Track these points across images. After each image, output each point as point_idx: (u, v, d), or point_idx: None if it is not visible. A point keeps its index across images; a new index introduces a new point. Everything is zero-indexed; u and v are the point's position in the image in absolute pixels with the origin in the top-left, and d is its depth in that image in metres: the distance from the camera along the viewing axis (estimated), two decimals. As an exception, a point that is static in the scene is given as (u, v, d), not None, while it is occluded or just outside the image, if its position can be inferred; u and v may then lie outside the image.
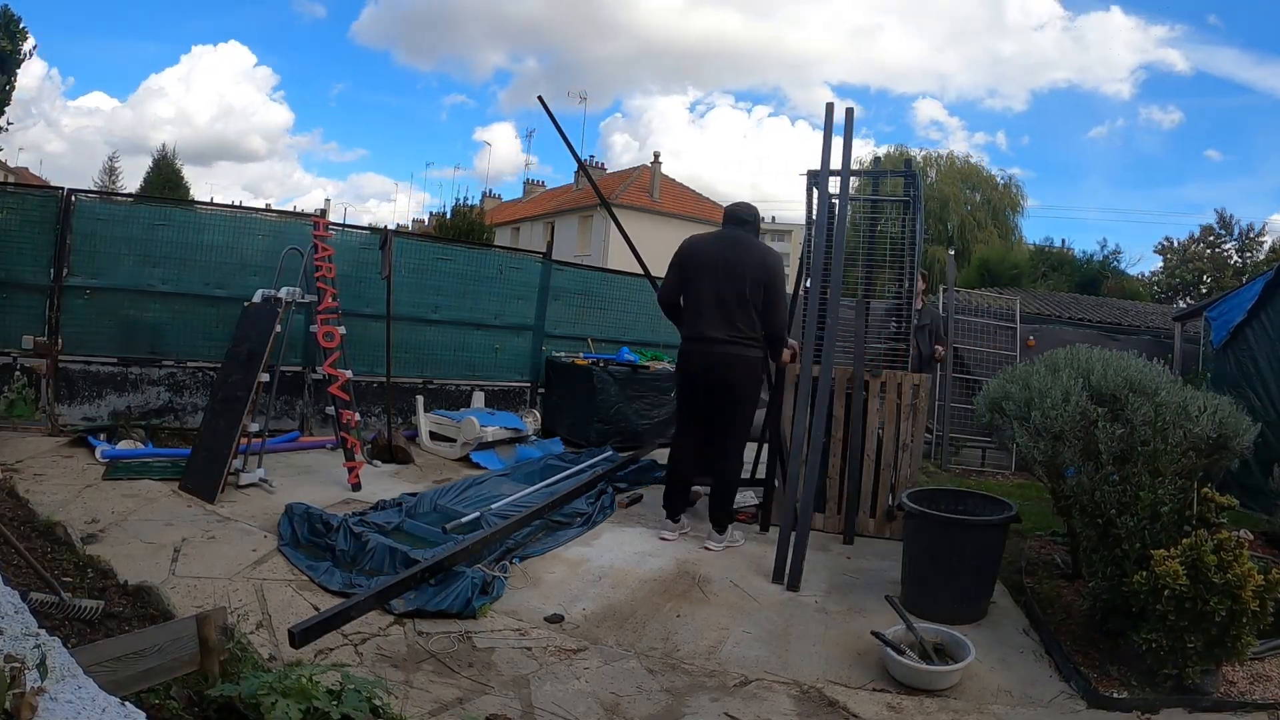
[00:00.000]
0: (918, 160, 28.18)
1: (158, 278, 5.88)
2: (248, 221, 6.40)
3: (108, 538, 3.59)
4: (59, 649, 1.27)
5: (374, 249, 6.30)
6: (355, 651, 2.76)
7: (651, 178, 30.03)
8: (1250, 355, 5.80)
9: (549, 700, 2.54)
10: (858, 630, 3.21)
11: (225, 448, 4.46)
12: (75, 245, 5.63)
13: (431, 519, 4.21)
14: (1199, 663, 2.65)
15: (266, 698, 1.85)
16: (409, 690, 2.53)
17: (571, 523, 4.35)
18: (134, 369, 5.83)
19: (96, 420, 5.64)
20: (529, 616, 3.19)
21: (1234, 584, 2.54)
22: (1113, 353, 3.58)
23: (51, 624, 2.30)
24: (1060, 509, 3.57)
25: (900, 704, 2.69)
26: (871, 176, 7.31)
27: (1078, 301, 14.76)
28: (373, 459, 5.63)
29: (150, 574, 3.12)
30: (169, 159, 29.27)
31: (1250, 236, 28.14)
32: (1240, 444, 3.12)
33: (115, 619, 2.58)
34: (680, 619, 3.28)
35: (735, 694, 2.70)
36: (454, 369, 7.11)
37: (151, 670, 1.99)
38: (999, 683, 2.86)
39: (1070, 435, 3.20)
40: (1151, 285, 27.88)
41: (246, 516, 4.12)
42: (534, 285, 7.55)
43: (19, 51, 7.92)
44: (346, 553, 3.56)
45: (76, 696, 1.20)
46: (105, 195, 9.82)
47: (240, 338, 4.94)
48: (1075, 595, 3.50)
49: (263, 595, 3.14)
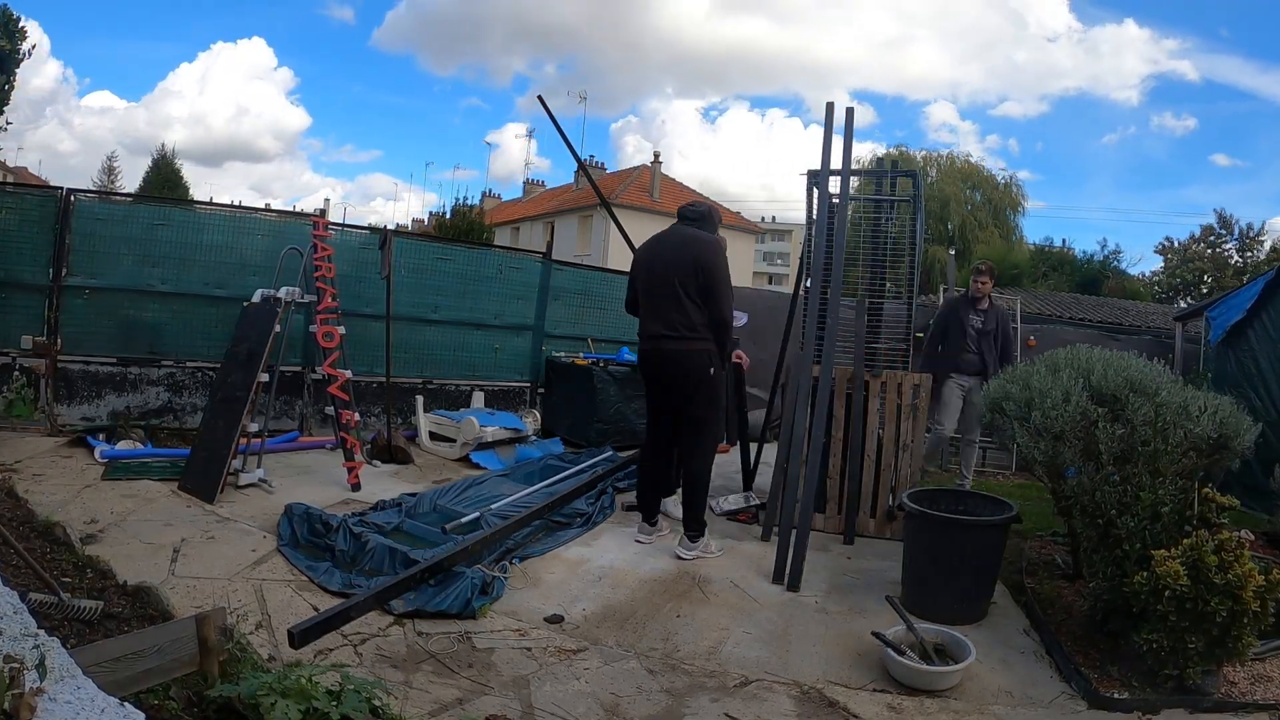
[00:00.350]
0: (918, 160, 28.12)
1: (157, 277, 5.88)
2: (247, 221, 6.40)
3: (107, 538, 3.59)
4: (58, 649, 1.27)
5: (374, 249, 6.29)
6: (355, 652, 2.75)
7: (651, 177, 30.04)
8: (1251, 355, 5.80)
9: (549, 701, 2.54)
10: (858, 631, 3.21)
11: (224, 448, 4.45)
12: (74, 245, 5.62)
13: (431, 519, 4.20)
14: (1200, 663, 2.64)
15: (266, 698, 1.85)
16: (409, 691, 2.52)
17: (571, 523, 4.34)
18: (133, 369, 5.82)
19: (95, 420, 5.63)
20: (529, 617, 3.18)
21: (1235, 584, 2.54)
22: (1113, 353, 3.58)
23: (50, 624, 2.29)
24: (1061, 509, 3.56)
25: (901, 704, 2.69)
26: (873, 176, 7.30)
27: (1078, 301, 14.79)
28: (372, 459, 5.63)
29: (149, 574, 3.11)
30: (168, 158, 29.28)
31: (1250, 237, 28.18)
32: (1241, 444, 3.11)
33: (114, 619, 2.57)
34: (680, 619, 3.27)
35: (735, 694, 2.69)
36: (454, 369, 7.10)
37: (151, 671, 1.98)
38: (1000, 683, 2.85)
39: (1071, 435, 3.20)
40: (1152, 285, 27.91)
41: (246, 517, 4.11)
42: (534, 285, 7.55)
43: (18, 51, 7.92)
44: (346, 553, 3.56)
45: (75, 697, 1.20)
46: (104, 195, 9.83)
47: (240, 338, 4.94)
48: (1076, 595, 3.49)
49: (262, 595, 3.14)
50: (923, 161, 28.62)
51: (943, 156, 29.90)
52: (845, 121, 4.81)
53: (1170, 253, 29.52)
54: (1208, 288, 25.82)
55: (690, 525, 4.04)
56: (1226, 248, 28.65)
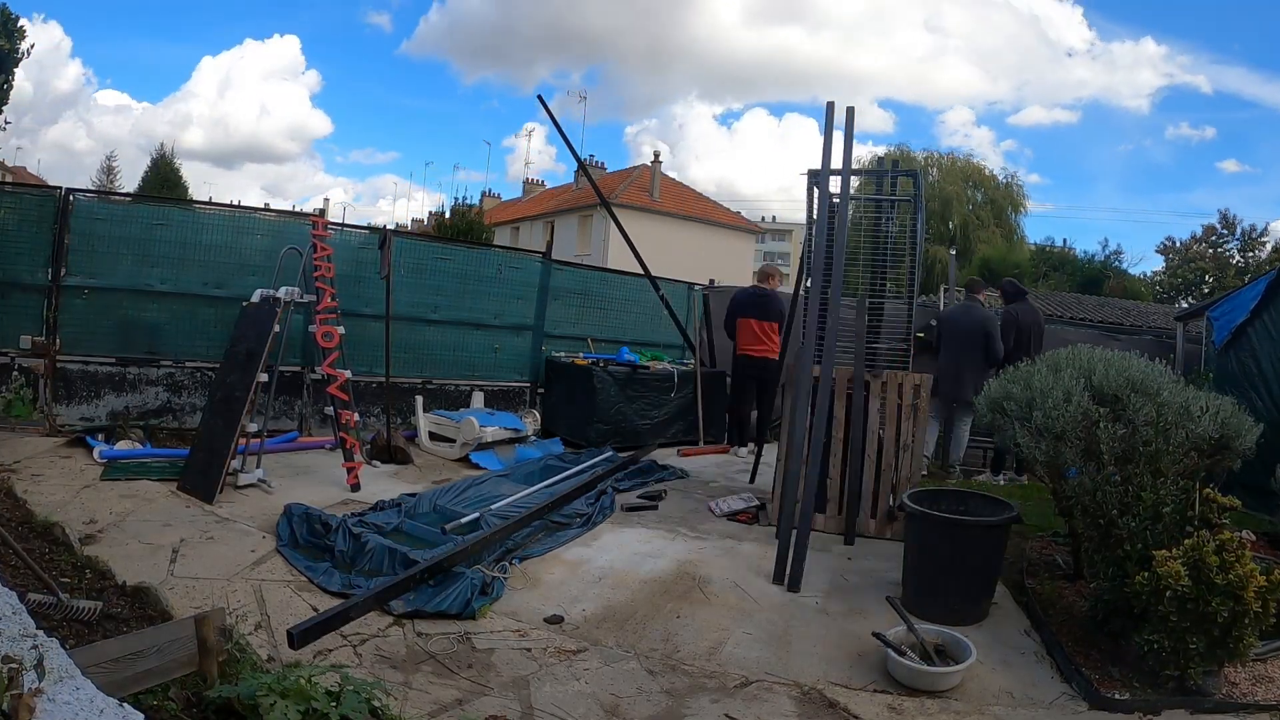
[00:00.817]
0: (919, 160, 28.06)
1: (156, 277, 5.87)
2: (246, 221, 6.38)
3: (106, 538, 3.58)
4: (57, 650, 1.27)
5: (373, 248, 6.28)
6: (354, 652, 2.75)
7: (651, 177, 29.90)
8: (1253, 355, 5.78)
9: (548, 702, 2.53)
10: (859, 631, 3.20)
11: (224, 448, 4.44)
12: (73, 245, 5.61)
13: (431, 520, 4.20)
14: (1201, 664, 2.64)
15: (265, 699, 1.85)
16: (408, 691, 2.52)
17: (571, 523, 4.33)
18: (132, 369, 5.81)
19: (94, 420, 5.62)
20: (529, 617, 3.18)
21: (1236, 585, 2.53)
22: (1114, 353, 3.57)
23: (49, 625, 2.30)
24: (1062, 509, 3.56)
25: (901, 705, 2.68)
26: (874, 176, 7.29)
27: (1080, 301, 14.78)
28: (372, 459, 5.62)
29: (148, 575, 3.11)
30: (168, 158, 29.18)
31: (1252, 237, 28.15)
32: (1242, 444, 3.11)
33: (113, 620, 2.57)
34: (680, 620, 3.26)
35: (736, 695, 2.69)
36: (453, 369, 7.09)
37: (150, 671, 1.99)
38: (1000, 684, 2.85)
39: (1072, 435, 3.19)
40: (1153, 285, 27.90)
41: (245, 517, 4.11)
42: (533, 285, 7.54)
43: (17, 50, 7.92)
44: (345, 553, 3.55)
45: (74, 698, 1.20)
46: (103, 195, 9.80)
47: (238, 338, 4.93)
48: (1077, 596, 3.49)
49: (261, 596, 3.13)
50: (924, 161, 28.57)
51: (944, 157, 29.93)
52: (846, 121, 4.80)
53: (1171, 252, 29.51)
54: (1209, 288, 25.80)
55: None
56: (1228, 248, 28.64)
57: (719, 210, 32.15)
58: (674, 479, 5.90)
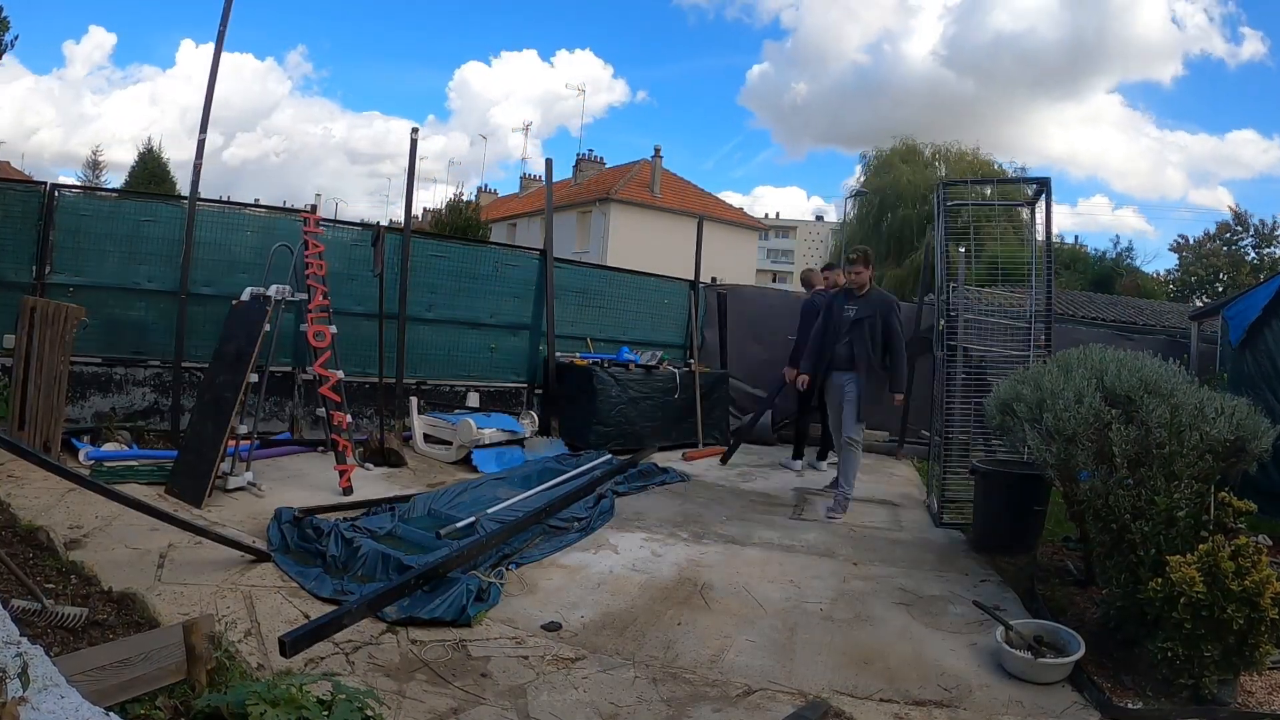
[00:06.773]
0: (926, 154, 27.71)
1: (143, 275, 5.77)
2: (236, 218, 6.27)
3: (91, 543, 3.50)
4: (41, 658, 1.27)
5: (366, 245, 6.18)
6: (347, 660, 2.68)
7: (652, 172, 29.65)
8: (1269, 355, 5.70)
9: (546, 711, 2.47)
10: (864, 639, 3.15)
11: (213, 450, 4.35)
12: (58, 242, 5.51)
13: (425, 524, 4.12)
14: (1216, 672, 2.59)
15: (255, 708, 1.81)
16: (402, 700, 2.45)
17: (570, 528, 4.26)
18: (118, 369, 5.71)
19: (80, 421, 5.51)
20: (525, 624, 3.11)
21: (1252, 591, 2.49)
22: (1127, 352, 3.49)
23: (34, 632, 2.28)
24: (1073, 514, 3.52)
25: (908, 714, 2.62)
26: (1004, 184, 7.25)
27: (1091, 300, 14.74)
28: (365, 462, 5.54)
29: (135, 581, 3.03)
30: (155, 152, 28.79)
31: (1264, 234, 27.96)
32: (1259, 447, 3.04)
33: (99, 627, 2.54)
34: (681, 627, 3.20)
35: (738, 704, 2.62)
36: (448, 369, 6.99)
37: (136, 680, 1.97)
38: (1010, 693, 2.79)
39: (1083, 437, 3.13)
40: (1166, 283, 27.78)
41: (235, 521, 4.02)
42: (531, 283, 7.43)
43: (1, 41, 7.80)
44: (337, 559, 3.47)
45: (59, 706, 1.20)
46: (89, 190, 9.64)
47: (227, 337, 4.83)
48: (1088, 603, 3.45)
49: (251, 603, 3.06)
50: (931, 155, 28.22)
51: (951, 151, 29.26)
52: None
53: (1185, 250, 29.38)
54: (1223, 285, 25.67)
55: None
56: (1242, 245, 28.48)
57: (720, 206, 32.03)
58: (676, 482, 5.84)
